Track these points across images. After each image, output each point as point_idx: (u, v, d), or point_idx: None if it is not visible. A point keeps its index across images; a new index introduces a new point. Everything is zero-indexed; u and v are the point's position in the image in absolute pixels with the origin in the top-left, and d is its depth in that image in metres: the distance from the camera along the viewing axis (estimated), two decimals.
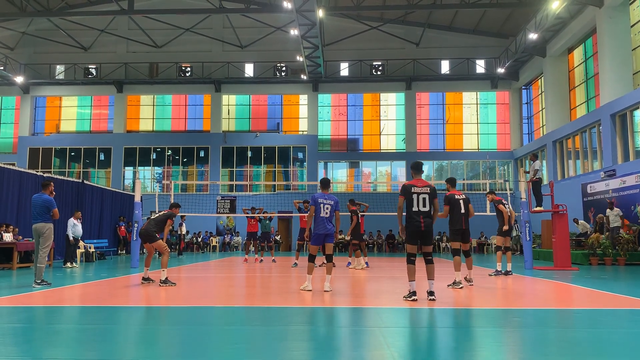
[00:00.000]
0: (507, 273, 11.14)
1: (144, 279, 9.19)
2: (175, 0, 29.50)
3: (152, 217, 9.40)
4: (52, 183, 9.33)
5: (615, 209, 16.68)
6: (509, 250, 11.37)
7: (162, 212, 9.47)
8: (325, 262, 8.32)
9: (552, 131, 24.97)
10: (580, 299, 7.60)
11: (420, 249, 7.06)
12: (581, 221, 18.68)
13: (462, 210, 8.73)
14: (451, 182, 9.07)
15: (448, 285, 8.56)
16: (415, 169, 7.18)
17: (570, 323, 5.59)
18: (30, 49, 31.08)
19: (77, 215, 15.15)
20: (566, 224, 13.84)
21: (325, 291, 7.84)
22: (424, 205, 6.82)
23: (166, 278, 8.81)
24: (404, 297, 6.92)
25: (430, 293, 6.78)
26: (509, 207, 11.28)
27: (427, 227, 6.81)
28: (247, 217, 17.25)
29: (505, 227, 10.77)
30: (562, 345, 4.32)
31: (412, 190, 6.86)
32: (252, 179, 30.40)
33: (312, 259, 8.10)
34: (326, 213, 7.95)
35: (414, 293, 6.75)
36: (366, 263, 13.89)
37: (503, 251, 11.26)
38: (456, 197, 8.77)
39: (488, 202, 11.70)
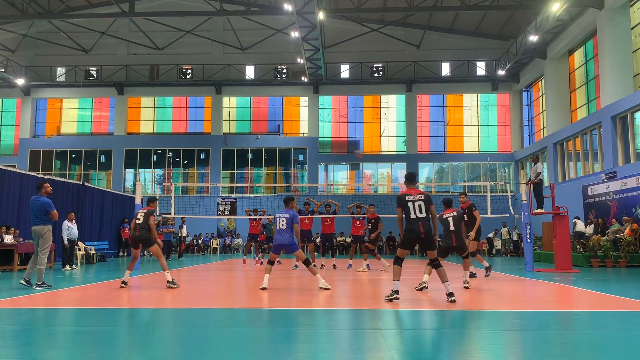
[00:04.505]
0: (472, 275, 10.40)
1: (124, 282, 8.85)
2: (176, 2, 29.57)
3: (139, 222, 9.03)
4: (46, 184, 9.18)
5: (577, 220, 17.91)
6: (476, 255, 10.93)
7: (141, 213, 9.15)
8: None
9: (552, 133, 24.96)
10: (582, 301, 7.58)
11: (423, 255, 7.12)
12: (578, 222, 18.56)
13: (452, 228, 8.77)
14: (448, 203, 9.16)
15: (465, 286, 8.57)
16: (408, 179, 7.33)
17: (571, 325, 5.58)
18: (31, 51, 31.12)
19: (71, 217, 14.74)
20: (567, 226, 13.82)
21: (320, 288, 8.08)
22: (421, 212, 6.89)
23: (172, 279, 8.78)
24: (386, 297, 6.91)
25: (450, 294, 6.76)
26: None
27: (427, 233, 6.86)
28: (249, 218, 17.19)
29: (472, 234, 10.29)
30: (564, 348, 4.30)
31: (407, 199, 6.96)
32: (252, 181, 30.40)
33: (270, 262, 8.65)
34: (282, 225, 8.51)
35: (397, 292, 6.81)
36: (367, 265, 13.88)
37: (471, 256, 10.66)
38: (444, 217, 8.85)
39: (460, 203, 10.89)
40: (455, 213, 8.80)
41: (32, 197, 9.07)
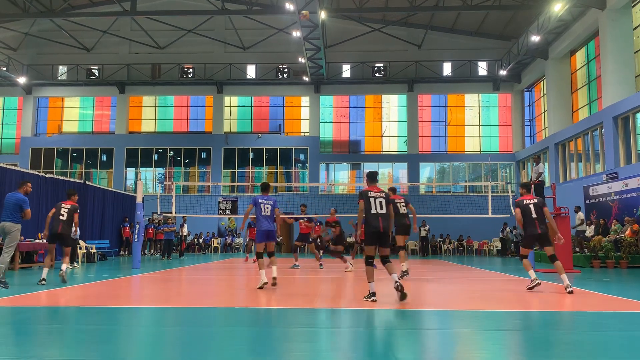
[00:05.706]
0: (404, 273, 10.34)
1: (43, 279, 8.85)
2: (178, 1, 29.58)
3: (63, 219, 9.12)
4: (29, 183, 9.16)
5: (579, 212, 17.58)
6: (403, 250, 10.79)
7: (65, 209, 9.24)
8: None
9: (554, 133, 24.94)
10: (582, 302, 7.57)
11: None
12: (580, 214, 18.56)
13: (534, 215, 8.35)
14: (526, 187, 8.89)
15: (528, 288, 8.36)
16: (369, 177, 7.44)
17: (572, 325, 5.57)
18: (32, 49, 31.15)
19: None
20: (568, 226, 13.83)
21: (273, 278, 8.35)
22: (382, 208, 6.99)
23: (66, 269, 9.00)
24: (364, 297, 6.94)
25: (396, 281, 6.76)
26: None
27: (385, 228, 6.93)
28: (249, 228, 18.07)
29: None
30: (565, 348, 4.30)
31: (369, 195, 7.05)
32: (253, 180, 30.41)
33: (260, 255, 8.59)
34: (267, 212, 8.52)
35: (374, 294, 6.83)
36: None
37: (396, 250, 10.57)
38: (525, 202, 8.44)
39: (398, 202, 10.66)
40: (535, 200, 8.46)
41: (9, 193, 8.98)
